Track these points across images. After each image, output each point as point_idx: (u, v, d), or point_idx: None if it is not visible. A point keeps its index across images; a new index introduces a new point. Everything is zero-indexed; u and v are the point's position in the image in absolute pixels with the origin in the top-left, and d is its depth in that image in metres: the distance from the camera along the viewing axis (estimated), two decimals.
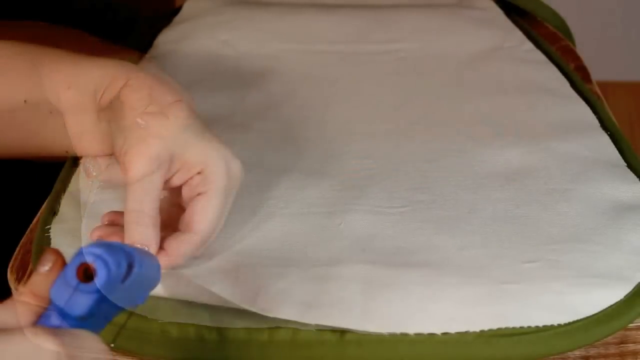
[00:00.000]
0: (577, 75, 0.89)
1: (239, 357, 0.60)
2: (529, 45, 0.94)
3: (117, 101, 0.65)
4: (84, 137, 0.71)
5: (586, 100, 0.84)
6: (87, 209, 0.69)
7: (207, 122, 0.65)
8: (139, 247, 0.59)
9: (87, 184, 0.72)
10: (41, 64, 0.70)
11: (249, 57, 0.92)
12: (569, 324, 0.60)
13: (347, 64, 0.92)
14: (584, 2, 1.84)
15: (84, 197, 0.70)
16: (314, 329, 0.60)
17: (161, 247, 0.61)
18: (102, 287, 0.48)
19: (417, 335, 0.59)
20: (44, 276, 0.49)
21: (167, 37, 0.96)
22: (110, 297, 0.49)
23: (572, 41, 1.03)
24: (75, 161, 0.74)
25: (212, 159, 0.63)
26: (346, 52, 0.93)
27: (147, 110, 0.64)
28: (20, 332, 0.46)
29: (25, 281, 0.65)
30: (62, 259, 0.50)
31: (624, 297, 0.61)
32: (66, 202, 0.70)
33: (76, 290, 0.48)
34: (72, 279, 0.48)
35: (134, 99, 0.65)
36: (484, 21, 0.98)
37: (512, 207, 0.69)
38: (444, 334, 0.59)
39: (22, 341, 0.45)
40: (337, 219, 0.68)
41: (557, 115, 0.82)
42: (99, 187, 0.71)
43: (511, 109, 0.83)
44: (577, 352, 0.62)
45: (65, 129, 0.71)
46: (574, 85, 0.87)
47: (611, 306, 0.61)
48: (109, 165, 0.71)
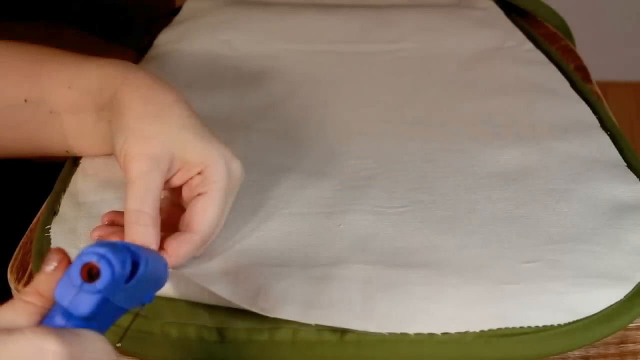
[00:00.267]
0: (577, 75, 0.89)
1: (239, 357, 0.60)
2: (529, 45, 0.94)
3: (117, 101, 0.65)
4: (84, 137, 0.71)
5: (586, 100, 0.84)
6: (87, 209, 0.69)
7: (207, 122, 0.65)
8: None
9: (87, 184, 0.72)
10: (41, 64, 0.70)
11: (249, 57, 0.92)
12: (569, 324, 0.60)
13: (347, 64, 0.92)
14: (584, 2, 1.84)
15: (84, 197, 0.70)
16: (314, 329, 0.60)
17: (161, 247, 0.61)
18: (106, 287, 0.48)
19: (417, 335, 0.59)
20: (49, 275, 0.49)
21: (167, 37, 0.96)
22: (114, 297, 0.49)
23: (572, 41, 1.03)
24: (75, 161, 0.74)
25: (212, 159, 0.63)
26: (346, 52, 0.93)
27: (147, 109, 0.64)
28: (24, 332, 0.46)
29: (25, 281, 0.65)
30: (68, 259, 0.50)
31: (624, 297, 0.61)
32: (66, 202, 0.70)
33: (80, 290, 0.48)
34: (76, 279, 0.48)
35: (133, 99, 0.65)
36: (484, 21, 0.98)
37: (512, 207, 0.69)
38: (444, 334, 0.59)
39: (26, 341, 0.45)
40: (337, 219, 0.68)
41: (557, 115, 0.82)
42: (99, 187, 0.71)
43: (511, 109, 0.83)
44: (577, 352, 0.62)
45: (65, 128, 0.71)
46: (574, 85, 0.86)
47: (611, 306, 0.61)
48: (108, 165, 0.71)
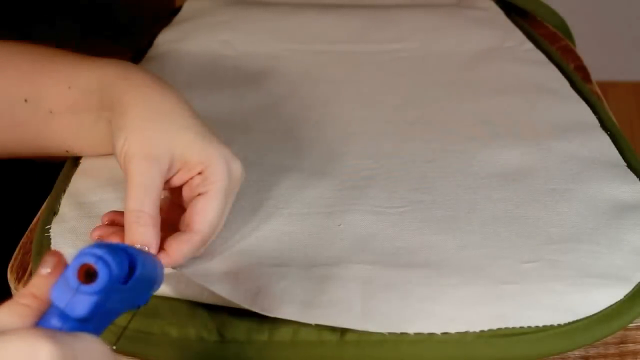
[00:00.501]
0: (577, 75, 0.89)
1: (239, 357, 0.60)
2: (529, 45, 0.94)
3: (117, 101, 0.65)
4: (84, 137, 0.71)
5: (586, 100, 0.84)
6: (87, 209, 0.69)
7: (207, 122, 0.65)
8: (140, 247, 0.59)
9: (87, 184, 0.72)
10: (41, 64, 0.70)
11: (249, 57, 0.92)
12: (569, 324, 0.60)
13: (347, 64, 0.92)
14: (584, 2, 1.84)
15: (84, 197, 0.70)
16: (314, 328, 0.60)
17: (161, 247, 0.61)
18: (103, 288, 0.48)
19: (417, 335, 0.59)
20: (44, 278, 0.49)
21: (167, 37, 0.96)
22: (111, 299, 0.49)
23: (572, 41, 1.03)
24: (75, 161, 0.74)
25: (212, 159, 0.62)
26: (346, 52, 0.93)
27: (147, 109, 0.64)
28: (18, 333, 0.45)
29: (25, 281, 0.65)
30: (64, 262, 0.50)
31: (624, 297, 0.61)
32: (66, 202, 0.70)
33: (77, 291, 0.48)
34: (73, 280, 0.48)
35: (133, 99, 0.65)
36: (484, 21, 0.98)
37: (512, 207, 0.69)
38: (444, 334, 0.59)
39: (20, 342, 0.45)
40: (337, 219, 0.68)
41: (557, 115, 0.82)
42: (99, 187, 0.71)
43: (511, 109, 0.83)
44: (577, 352, 0.62)
45: (65, 128, 0.71)
46: (574, 85, 0.86)
47: (611, 306, 0.61)
48: (108, 165, 0.71)
